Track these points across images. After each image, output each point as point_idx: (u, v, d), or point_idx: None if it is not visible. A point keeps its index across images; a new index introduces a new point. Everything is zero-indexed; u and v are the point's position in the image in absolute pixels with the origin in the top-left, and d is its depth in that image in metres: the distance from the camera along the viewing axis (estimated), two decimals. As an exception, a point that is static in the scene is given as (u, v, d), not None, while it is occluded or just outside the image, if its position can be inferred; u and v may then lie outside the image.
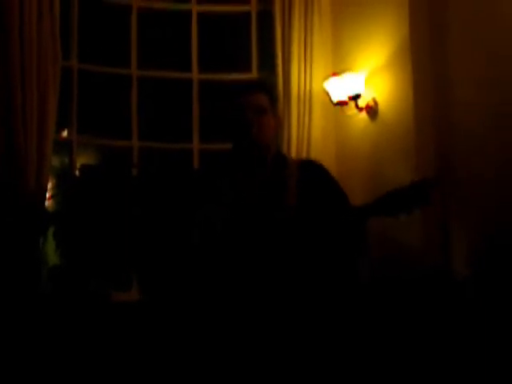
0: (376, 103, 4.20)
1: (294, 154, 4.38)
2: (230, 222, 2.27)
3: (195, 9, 4.84)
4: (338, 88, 4.22)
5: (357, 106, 4.23)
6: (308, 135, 4.44)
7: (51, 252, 3.82)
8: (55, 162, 4.26)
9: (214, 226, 2.26)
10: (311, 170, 2.42)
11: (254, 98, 2.34)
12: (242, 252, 2.24)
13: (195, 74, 4.79)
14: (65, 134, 4.45)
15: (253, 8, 4.86)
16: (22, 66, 3.80)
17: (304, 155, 4.39)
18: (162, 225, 2.41)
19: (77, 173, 4.23)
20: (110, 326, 3.47)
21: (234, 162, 2.38)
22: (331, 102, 4.32)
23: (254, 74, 4.82)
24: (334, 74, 4.27)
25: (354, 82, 4.17)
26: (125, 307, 3.61)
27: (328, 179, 2.41)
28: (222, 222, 2.27)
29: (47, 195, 3.92)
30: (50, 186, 3.97)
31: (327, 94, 4.33)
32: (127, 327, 3.44)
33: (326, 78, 4.32)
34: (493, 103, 3.58)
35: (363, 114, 4.27)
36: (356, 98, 4.20)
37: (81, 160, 4.45)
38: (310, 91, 4.46)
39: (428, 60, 3.91)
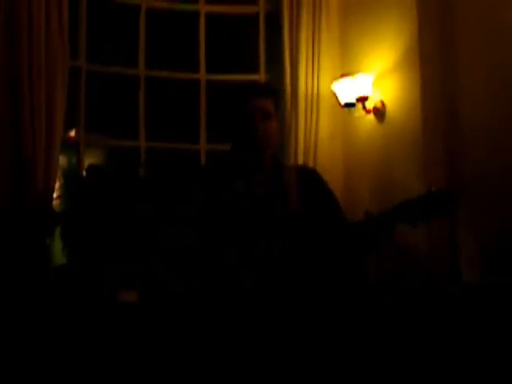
0: (384, 105, 4.19)
1: (301, 155, 4.39)
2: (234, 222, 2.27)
3: (203, 9, 4.85)
4: (346, 90, 4.21)
5: (364, 108, 4.22)
6: (315, 137, 4.45)
7: (58, 252, 3.84)
8: (63, 161, 4.29)
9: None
10: (309, 176, 2.44)
11: (261, 102, 2.33)
12: (246, 252, 2.24)
13: (203, 75, 4.80)
14: (72, 133, 4.46)
15: (261, 9, 4.87)
16: (30, 66, 3.81)
17: (311, 157, 4.40)
18: (169, 224, 2.40)
19: (84, 173, 4.24)
20: (115, 324, 3.47)
21: (234, 163, 2.38)
22: (339, 103, 4.32)
23: (261, 75, 4.83)
24: (342, 75, 4.26)
25: (361, 83, 4.16)
26: (129, 308, 3.61)
27: (324, 185, 2.44)
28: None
29: (54, 195, 3.93)
30: (57, 185, 3.98)
31: (335, 95, 4.32)
32: (131, 327, 3.44)
33: (334, 79, 4.32)
34: (502, 105, 3.55)
35: (371, 116, 4.26)
36: (363, 99, 4.19)
37: (88, 160, 4.46)
38: (318, 93, 4.46)
39: (436, 62, 3.88)
